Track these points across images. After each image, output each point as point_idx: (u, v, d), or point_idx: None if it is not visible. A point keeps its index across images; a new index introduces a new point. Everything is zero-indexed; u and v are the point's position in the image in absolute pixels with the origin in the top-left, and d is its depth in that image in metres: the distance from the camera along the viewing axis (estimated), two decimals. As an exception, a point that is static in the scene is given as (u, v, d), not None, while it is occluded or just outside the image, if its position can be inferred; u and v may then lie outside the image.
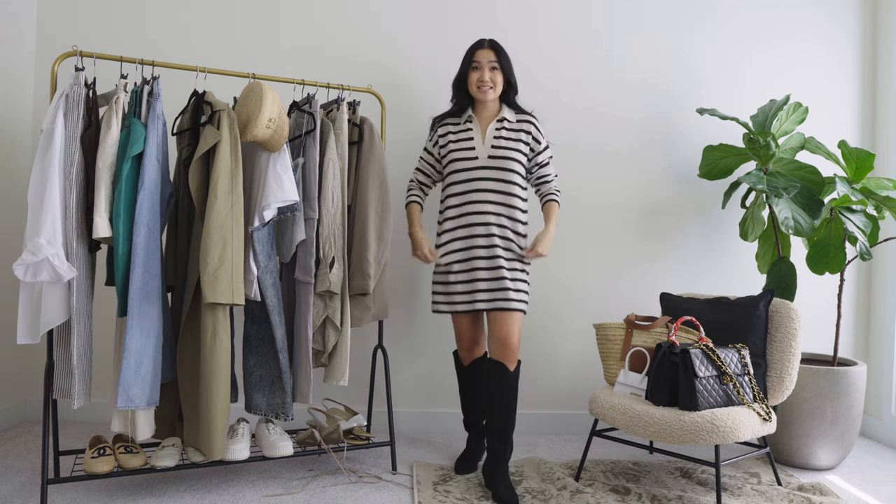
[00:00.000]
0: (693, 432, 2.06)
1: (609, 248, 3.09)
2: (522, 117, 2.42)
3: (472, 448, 2.53)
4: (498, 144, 2.36)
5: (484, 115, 2.43)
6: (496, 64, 2.36)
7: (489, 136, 2.38)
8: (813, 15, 3.18)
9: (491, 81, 2.36)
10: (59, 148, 1.94)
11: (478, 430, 2.56)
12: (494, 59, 2.36)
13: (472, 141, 2.38)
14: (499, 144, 2.36)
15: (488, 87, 2.36)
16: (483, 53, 2.37)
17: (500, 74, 2.37)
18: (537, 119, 2.46)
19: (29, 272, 1.87)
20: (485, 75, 2.35)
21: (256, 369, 2.35)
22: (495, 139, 2.37)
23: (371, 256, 2.37)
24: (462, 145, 2.39)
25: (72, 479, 2.02)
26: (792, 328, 2.35)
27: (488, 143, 2.36)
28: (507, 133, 2.38)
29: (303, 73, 2.91)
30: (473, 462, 2.49)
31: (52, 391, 2.04)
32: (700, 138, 3.12)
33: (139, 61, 2.15)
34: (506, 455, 2.30)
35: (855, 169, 2.68)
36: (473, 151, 2.36)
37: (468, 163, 2.36)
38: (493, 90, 2.37)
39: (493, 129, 2.38)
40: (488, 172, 2.34)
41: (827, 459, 2.61)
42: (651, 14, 3.11)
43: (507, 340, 2.28)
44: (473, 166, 2.36)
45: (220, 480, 2.32)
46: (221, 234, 2.04)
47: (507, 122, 2.39)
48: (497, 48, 2.39)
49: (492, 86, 2.36)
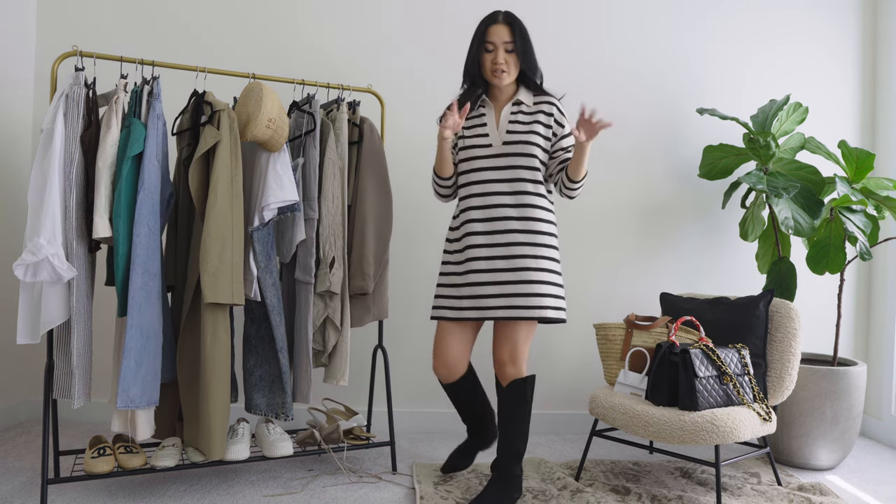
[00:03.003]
0: (693, 432, 2.06)
1: (609, 248, 3.09)
2: (542, 98, 2.15)
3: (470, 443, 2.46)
4: (514, 129, 2.10)
5: (499, 99, 2.17)
6: (511, 45, 2.07)
7: (503, 120, 2.12)
8: (813, 15, 3.18)
9: (506, 63, 2.08)
10: (59, 148, 1.94)
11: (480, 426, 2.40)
12: (509, 40, 2.06)
13: (486, 127, 2.13)
14: (515, 129, 2.10)
15: (503, 71, 2.08)
16: (497, 31, 2.07)
17: (515, 56, 2.09)
18: (559, 101, 2.17)
19: (29, 272, 1.87)
20: (499, 56, 2.06)
21: (256, 369, 2.35)
22: (510, 124, 2.11)
23: (371, 256, 2.37)
24: (475, 132, 2.14)
25: (72, 479, 2.02)
26: (792, 328, 2.35)
27: (503, 129, 2.11)
28: (524, 117, 2.12)
29: (303, 73, 2.91)
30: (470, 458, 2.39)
31: (52, 391, 2.04)
32: (700, 138, 3.12)
33: (139, 61, 2.15)
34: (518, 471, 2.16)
35: (855, 169, 2.68)
36: (487, 138, 2.11)
37: (481, 150, 2.11)
38: (507, 74, 2.09)
39: (509, 114, 2.12)
40: (503, 160, 2.09)
41: (827, 459, 2.61)
42: (651, 14, 3.11)
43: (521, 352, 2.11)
44: (487, 154, 2.10)
45: (220, 480, 2.32)
46: (221, 234, 2.04)
47: (524, 106, 2.13)
48: (513, 23, 2.08)
49: (506, 69, 2.09)
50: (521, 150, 2.08)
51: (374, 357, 2.64)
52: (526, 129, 2.10)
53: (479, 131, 2.14)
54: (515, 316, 2.05)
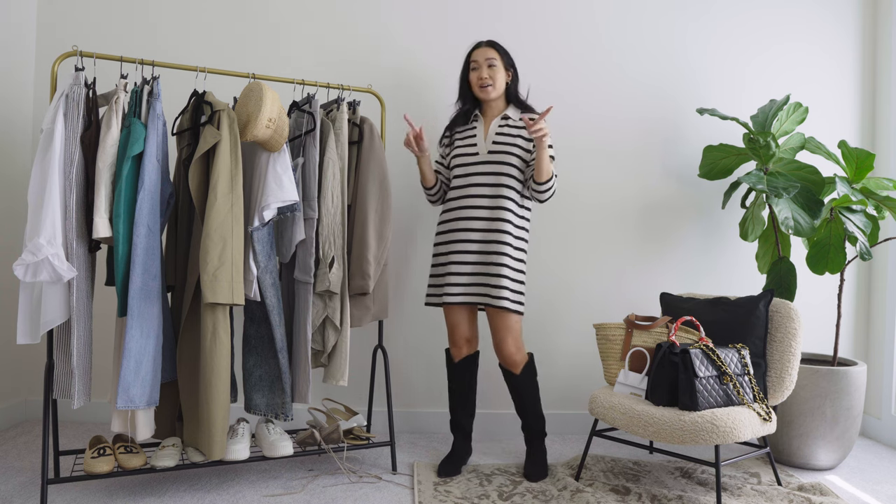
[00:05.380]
0: (693, 432, 2.06)
1: (609, 248, 3.09)
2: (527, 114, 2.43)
3: (457, 450, 2.51)
4: (499, 140, 2.38)
5: (489, 115, 2.47)
6: (494, 61, 2.38)
7: (491, 132, 2.41)
8: (813, 15, 3.18)
9: (490, 78, 2.38)
10: (59, 148, 1.94)
11: (464, 432, 2.54)
12: (492, 56, 2.38)
13: (475, 138, 2.42)
14: (499, 140, 2.38)
15: (488, 85, 2.38)
16: (480, 52, 2.41)
17: (500, 71, 2.40)
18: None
19: (29, 272, 1.87)
20: (483, 72, 2.38)
21: (256, 369, 2.35)
22: (497, 135, 2.39)
23: (371, 256, 2.37)
24: (466, 142, 2.44)
25: (72, 479, 2.02)
26: (792, 328, 2.35)
27: (489, 140, 2.39)
28: (510, 129, 2.40)
29: (303, 73, 2.91)
30: (458, 465, 2.45)
31: (52, 391, 2.04)
32: (700, 138, 3.12)
33: (139, 61, 2.15)
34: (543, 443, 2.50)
35: (855, 169, 2.68)
36: (475, 147, 2.40)
37: (469, 157, 2.40)
38: (493, 88, 2.39)
39: (496, 126, 2.41)
40: (486, 167, 2.37)
41: (827, 459, 2.61)
42: (651, 14, 3.11)
43: (501, 347, 2.38)
44: (473, 161, 2.39)
45: (220, 480, 2.32)
46: (221, 234, 2.04)
47: (510, 120, 2.42)
48: (495, 45, 2.42)
49: (491, 83, 2.38)
50: (502, 158, 2.36)
51: (374, 357, 2.64)
52: (510, 140, 2.38)
53: (469, 142, 2.43)
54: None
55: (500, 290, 2.31)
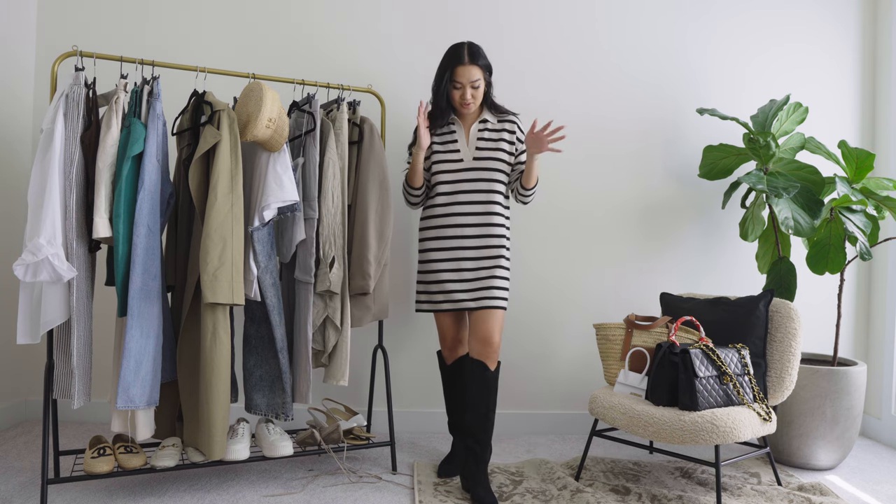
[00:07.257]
0: (693, 432, 2.06)
1: (609, 248, 3.09)
2: (504, 117, 2.39)
3: (456, 450, 2.50)
4: (482, 146, 2.34)
5: (466, 117, 2.40)
6: (479, 83, 2.30)
7: (472, 137, 2.36)
8: (813, 15, 3.18)
9: (472, 98, 2.31)
10: (59, 148, 1.94)
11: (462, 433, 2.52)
12: (477, 79, 2.29)
13: (457, 144, 2.36)
14: (482, 146, 2.34)
15: (470, 103, 2.31)
16: (465, 72, 2.27)
17: (482, 87, 2.32)
18: (520, 119, 2.43)
19: (29, 272, 1.87)
20: (467, 95, 2.29)
21: (256, 369, 2.35)
22: (479, 140, 2.35)
23: (371, 256, 2.37)
24: (447, 148, 2.36)
25: (72, 479, 2.02)
26: (792, 328, 2.35)
27: (472, 145, 2.35)
28: (490, 134, 2.36)
29: (303, 73, 2.91)
30: (458, 465, 2.44)
31: (52, 391, 2.04)
32: (700, 138, 3.12)
33: (139, 61, 2.15)
34: (485, 457, 2.27)
35: (855, 169, 2.68)
36: (458, 154, 2.35)
37: (454, 164, 2.35)
38: (473, 104, 2.33)
39: (476, 131, 2.37)
40: (473, 174, 2.33)
41: (827, 459, 2.61)
42: (650, 14, 3.11)
43: (490, 338, 2.26)
44: (459, 168, 2.34)
45: (220, 480, 2.32)
46: (221, 234, 2.04)
47: (489, 124, 2.37)
48: (478, 62, 2.29)
49: (473, 102, 2.32)
50: (490, 164, 2.34)
51: (374, 357, 2.64)
52: (493, 146, 2.36)
53: (451, 147, 2.37)
54: None
55: (496, 290, 2.30)
